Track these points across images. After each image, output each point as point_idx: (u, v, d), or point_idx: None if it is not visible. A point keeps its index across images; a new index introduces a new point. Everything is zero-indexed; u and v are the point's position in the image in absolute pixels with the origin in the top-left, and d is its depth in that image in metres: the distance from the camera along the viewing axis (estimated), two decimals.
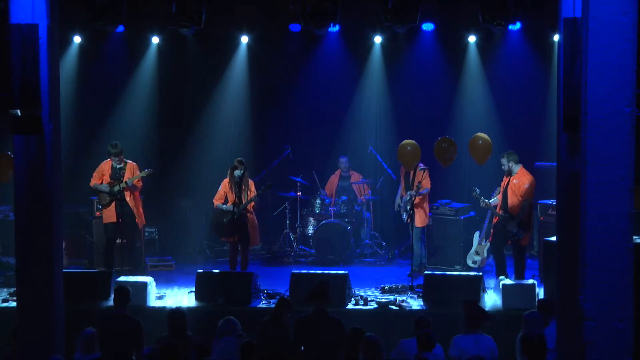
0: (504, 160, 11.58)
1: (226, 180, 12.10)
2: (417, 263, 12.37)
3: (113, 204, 12.09)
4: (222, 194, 12.14)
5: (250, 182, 12.11)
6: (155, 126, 14.62)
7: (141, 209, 12.31)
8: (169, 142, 14.60)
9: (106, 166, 12.22)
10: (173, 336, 8.44)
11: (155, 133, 14.53)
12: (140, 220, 12.27)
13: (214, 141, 14.79)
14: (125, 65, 14.47)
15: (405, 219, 12.57)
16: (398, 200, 12.85)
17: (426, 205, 12.66)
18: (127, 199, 12.10)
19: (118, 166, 12.15)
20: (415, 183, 12.36)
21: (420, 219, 12.52)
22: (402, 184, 12.77)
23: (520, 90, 14.24)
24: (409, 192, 12.44)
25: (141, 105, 14.62)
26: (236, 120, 14.91)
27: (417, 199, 12.28)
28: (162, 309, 10.49)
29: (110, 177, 12.15)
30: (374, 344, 7.71)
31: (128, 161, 12.25)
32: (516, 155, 11.59)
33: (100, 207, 12.31)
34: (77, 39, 14.06)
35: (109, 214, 12.14)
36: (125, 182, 12.04)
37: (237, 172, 11.94)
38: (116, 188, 12.05)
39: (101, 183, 12.15)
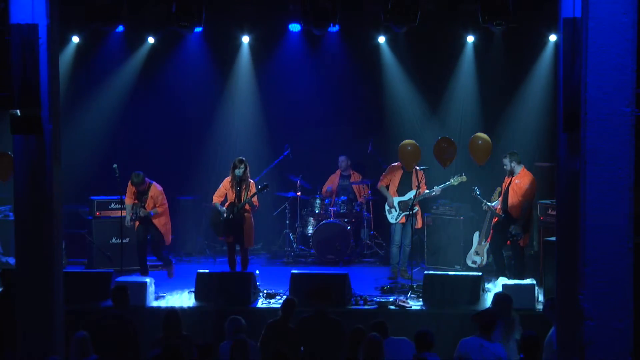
0: (506, 161, 11.58)
1: (228, 178, 12.12)
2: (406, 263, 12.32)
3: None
4: (223, 191, 12.16)
5: (252, 183, 12.09)
6: (154, 126, 14.61)
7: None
8: (168, 142, 14.60)
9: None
10: (168, 337, 8.45)
11: (154, 133, 14.53)
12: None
13: (213, 141, 14.79)
14: (125, 65, 14.48)
15: (398, 220, 12.32)
16: (392, 201, 12.44)
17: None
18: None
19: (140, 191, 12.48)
20: (419, 183, 12.22)
21: (421, 221, 12.48)
22: (394, 185, 12.45)
23: (520, 90, 14.23)
24: (410, 192, 12.25)
25: (141, 105, 14.62)
26: (236, 120, 14.91)
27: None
28: (161, 310, 10.48)
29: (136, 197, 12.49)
30: (377, 344, 7.70)
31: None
32: (518, 156, 11.63)
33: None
34: (75, 39, 14.06)
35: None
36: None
37: (237, 171, 11.96)
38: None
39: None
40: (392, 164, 12.64)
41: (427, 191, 12.17)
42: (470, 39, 14.15)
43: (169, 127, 14.66)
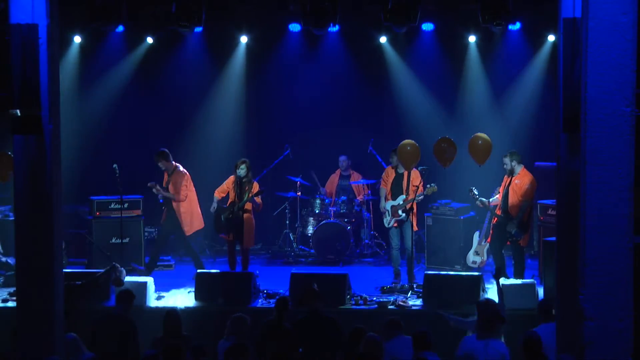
0: (506, 160, 11.59)
1: (232, 177, 12.16)
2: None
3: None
4: (224, 188, 12.23)
5: (255, 185, 12.10)
6: (154, 126, 14.61)
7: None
8: (168, 142, 14.56)
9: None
10: (168, 337, 8.44)
11: (154, 133, 14.52)
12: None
13: (213, 141, 14.79)
14: (125, 65, 14.48)
15: (391, 224, 12.28)
16: (384, 204, 12.39)
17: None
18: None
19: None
20: (412, 186, 12.20)
21: (415, 222, 12.33)
22: (388, 188, 12.45)
23: (520, 90, 14.24)
24: (401, 197, 12.23)
25: (140, 105, 14.63)
26: (236, 120, 14.92)
27: (414, 203, 12.13)
28: (161, 310, 10.47)
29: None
30: (376, 343, 7.69)
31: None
32: (519, 156, 11.63)
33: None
34: (77, 39, 14.07)
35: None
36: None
37: (238, 172, 12.01)
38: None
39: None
40: (386, 167, 12.70)
41: (413, 197, 12.04)
42: (472, 38, 14.16)
43: (168, 127, 14.65)
